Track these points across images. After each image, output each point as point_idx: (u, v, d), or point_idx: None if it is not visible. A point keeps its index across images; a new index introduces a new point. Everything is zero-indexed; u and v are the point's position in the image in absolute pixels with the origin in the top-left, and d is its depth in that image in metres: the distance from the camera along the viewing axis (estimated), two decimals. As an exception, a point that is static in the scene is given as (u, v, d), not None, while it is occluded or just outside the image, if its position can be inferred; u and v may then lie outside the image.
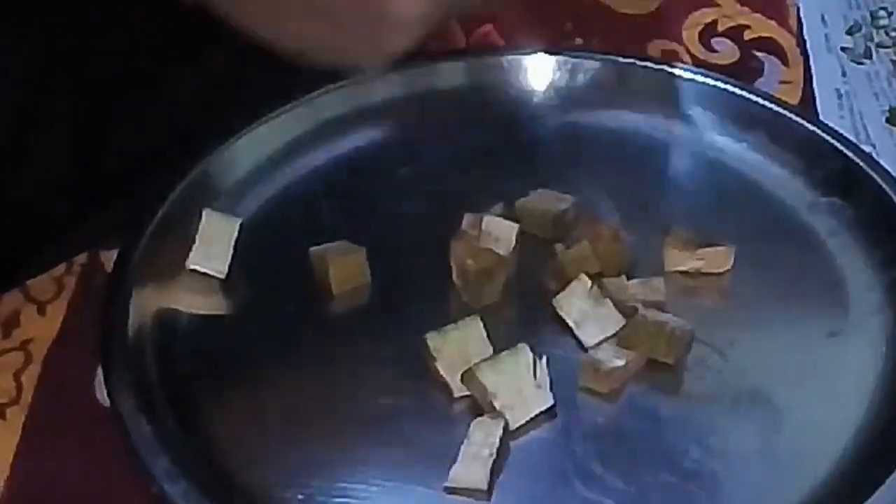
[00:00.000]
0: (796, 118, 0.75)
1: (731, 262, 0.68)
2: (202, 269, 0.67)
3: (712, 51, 0.84)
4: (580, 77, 0.78)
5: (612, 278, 0.66)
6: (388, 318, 0.66)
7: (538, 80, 0.78)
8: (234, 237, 0.68)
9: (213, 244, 0.67)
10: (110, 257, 0.68)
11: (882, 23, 0.87)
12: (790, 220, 0.72)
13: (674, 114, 0.76)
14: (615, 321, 0.64)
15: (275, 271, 0.69)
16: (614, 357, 0.63)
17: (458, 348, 0.62)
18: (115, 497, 0.60)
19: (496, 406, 0.60)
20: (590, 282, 0.65)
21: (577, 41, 0.84)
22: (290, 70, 0.60)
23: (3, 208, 0.71)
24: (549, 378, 0.62)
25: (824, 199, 0.72)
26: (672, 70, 0.78)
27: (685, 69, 0.79)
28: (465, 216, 0.68)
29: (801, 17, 0.87)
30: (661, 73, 0.78)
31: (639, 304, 0.65)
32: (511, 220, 0.68)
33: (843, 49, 0.85)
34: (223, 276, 0.68)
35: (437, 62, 0.78)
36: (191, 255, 0.67)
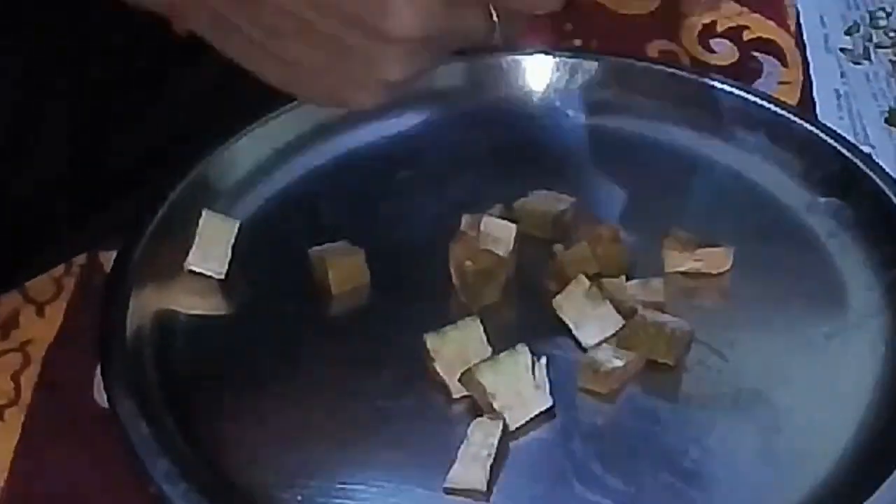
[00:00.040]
0: (795, 119, 0.75)
1: (730, 263, 0.68)
2: (201, 270, 0.67)
3: (711, 51, 0.84)
4: (579, 78, 0.78)
5: (612, 279, 0.66)
6: (388, 318, 0.66)
7: (537, 80, 0.78)
8: (233, 238, 0.68)
9: (212, 245, 0.67)
10: (109, 258, 0.68)
11: (881, 23, 0.87)
12: (789, 220, 0.72)
13: (673, 114, 0.76)
14: (614, 322, 0.64)
15: (274, 272, 0.68)
16: (613, 358, 0.63)
17: (457, 349, 0.62)
18: (114, 498, 0.60)
19: (495, 407, 0.60)
20: (589, 282, 0.65)
21: (576, 42, 0.84)
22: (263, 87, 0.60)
23: (2, 208, 0.71)
24: (549, 379, 0.61)
25: (823, 200, 0.72)
26: (671, 71, 0.78)
27: (684, 70, 0.79)
28: (464, 217, 0.68)
29: (800, 17, 0.87)
30: (660, 74, 0.78)
31: (638, 305, 0.65)
32: (510, 220, 0.68)
33: (842, 50, 0.85)
34: (222, 276, 0.68)
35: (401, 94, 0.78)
36: (190, 255, 0.67)
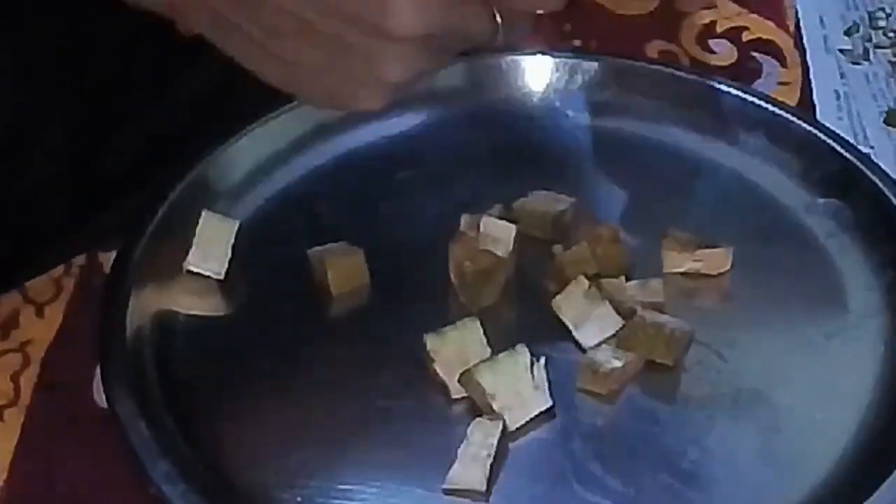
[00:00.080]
0: (794, 119, 0.75)
1: (729, 264, 0.68)
2: (201, 271, 0.67)
3: (711, 52, 0.84)
4: (579, 78, 0.78)
5: (611, 279, 0.66)
6: (387, 319, 0.66)
7: (537, 81, 0.78)
8: (233, 239, 0.68)
9: (211, 245, 0.67)
10: (109, 259, 0.68)
11: (880, 24, 0.87)
12: (788, 221, 0.72)
13: (672, 115, 0.76)
14: (614, 322, 0.64)
15: (273, 272, 0.68)
16: (613, 358, 0.63)
17: (456, 349, 0.62)
18: (114, 498, 0.60)
19: (495, 407, 0.60)
20: (588, 283, 0.65)
21: (576, 42, 0.84)
22: (265, 88, 0.60)
23: (2, 209, 0.71)
24: (548, 379, 0.61)
25: (823, 201, 0.72)
26: (670, 71, 0.78)
27: (683, 70, 0.79)
28: (464, 217, 0.68)
29: (800, 18, 0.87)
30: (660, 75, 0.78)
31: (637, 306, 0.65)
32: (509, 221, 0.68)
33: (842, 50, 0.85)
34: (222, 277, 0.68)
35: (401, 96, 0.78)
36: (189, 256, 0.67)
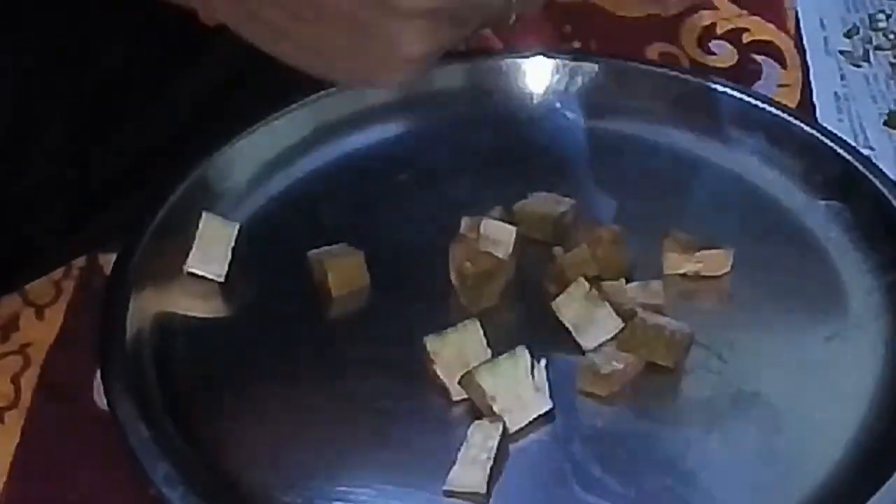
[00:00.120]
0: (795, 121, 0.75)
1: (729, 265, 0.68)
2: (201, 273, 0.67)
3: (711, 53, 0.84)
4: (579, 80, 0.78)
5: (611, 281, 0.66)
6: (387, 321, 0.66)
7: (537, 82, 0.78)
8: (233, 240, 0.68)
9: (211, 247, 0.67)
10: (109, 260, 0.68)
11: (880, 25, 0.87)
12: (789, 222, 0.72)
13: (672, 117, 0.76)
14: (614, 324, 0.64)
15: (274, 274, 0.68)
16: (613, 360, 0.63)
17: (456, 351, 0.62)
18: (114, 499, 0.60)
19: (495, 409, 0.60)
20: (588, 285, 0.65)
21: (576, 44, 0.84)
22: (290, 72, 0.60)
23: (2, 209, 0.71)
24: (548, 381, 0.61)
25: (823, 202, 0.72)
26: (670, 73, 0.78)
27: (684, 72, 0.79)
28: (464, 219, 0.68)
29: (800, 20, 0.87)
30: (660, 77, 0.78)
31: (638, 308, 0.65)
32: (510, 223, 0.68)
33: (842, 52, 0.85)
34: (222, 279, 0.67)
35: (430, 70, 0.78)
36: (190, 258, 0.67)
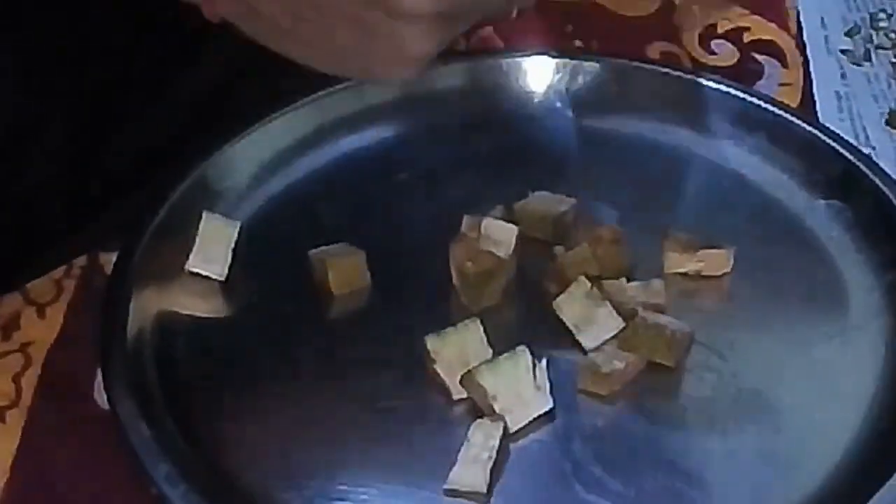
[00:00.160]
0: (796, 120, 0.75)
1: (730, 265, 0.68)
2: (202, 272, 0.67)
3: (712, 53, 0.84)
4: (580, 79, 0.78)
5: (612, 281, 0.66)
6: (388, 320, 0.66)
7: (538, 82, 0.78)
8: (234, 240, 0.68)
9: (212, 247, 0.67)
10: (110, 259, 0.68)
11: (881, 25, 0.87)
12: (790, 222, 0.72)
13: (673, 116, 0.76)
14: (615, 324, 0.64)
15: (275, 273, 0.68)
16: (614, 359, 0.63)
17: (457, 351, 0.62)
18: (115, 499, 0.60)
19: (496, 408, 0.60)
20: (589, 284, 0.65)
21: (577, 43, 0.84)
22: (291, 72, 0.60)
23: (2, 209, 0.71)
24: (549, 380, 0.61)
25: (824, 202, 0.72)
26: (672, 72, 0.78)
27: (685, 71, 0.79)
28: (465, 218, 0.68)
29: (801, 19, 0.87)
30: (661, 76, 0.78)
31: (638, 307, 0.65)
32: (511, 222, 0.68)
33: (843, 51, 0.85)
34: (223, 278, 0.68)
35: (436, 64, 0.78)
36: (190, 257, 0.67)
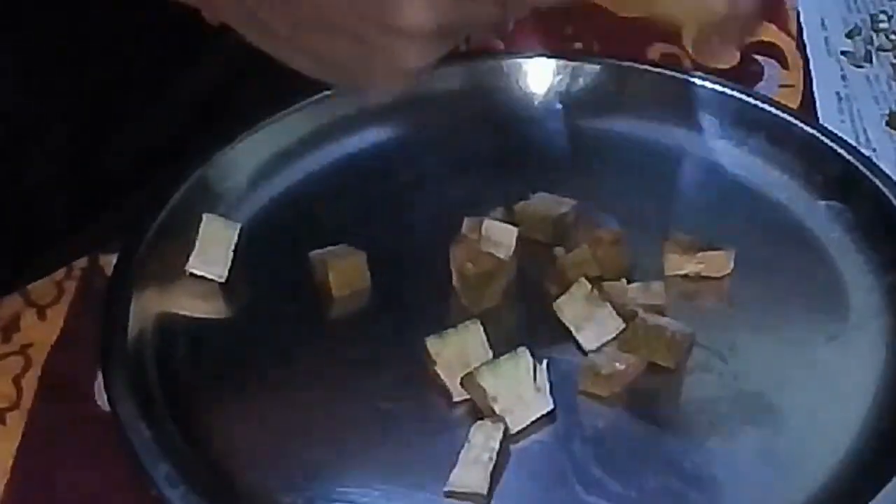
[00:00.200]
0: (796, 122, 0.75)
1: (731, 266, 0.68)
2: (202, 273, 0.67)
3: (712, 54, 0.84)
4: (580, 81, 0.78)
5: (613, 282, 0.66)
6: (388, 321, 0.66)
7: (538, 83, 0.78)
8: (234, 241, 0.68)
9: (213, 248, 0.67)
10: (110, 261, 0.68)
11: (882, 26, 0.87)
12: (790, 223, 0.72)
13: (674, 117, 0.76)
14: (615, 325, 0.64)
15: (275, 275, 0.68)
16: (614, 361, 0.63)
17: (457, 352, 0.62)
18: (115, 500, 0.60)
19: (496, 410, 0.60)
20: (590, 285, 0.65)
21: (578, 45, 0.84)
22: (289, 73, 0.60)
23: (2, 209, 0.71)
24: (549, 382, 0.61)
25: (824, 203, 0.72)
26: (672, 74, 0.78)
27: (685, 73, 0.79)
28: (465, 220, 0.68)
29: (801, 20, 0.87)
30: (661, 77, 0.78)
31: (639, 308, 0.65)
32: (511, 223, 0.68)
33: (843, 53, 0.85)
34: (223, 280, 0.67)
35: (436, 65, 0.78)
36: (191, 259, 0.67)
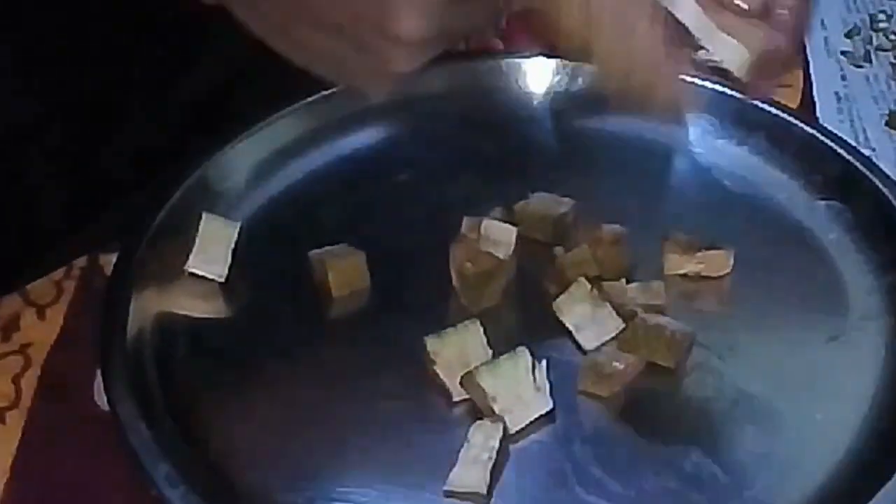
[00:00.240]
0: (796, 122, 0.75)
1: (730, 266, 0.68)
2: (202, 273, 0.67)
3: (712, 54, 0.84)
4: (579, 80, 0.78)
5: (612, 282, 0.66)
6: (388, 321, 0.66)
7: (537, 83, 0.78)
8: (234, 241, 0.68)
9: (212, 248, 0.67)
10: (110, 261, 0.68)
11: (881, 26, 0.87)
12: (790, 223, 0.72)
13: (673, 117, 0.76)
14: (615, 325, 0.64)
15: (274, 275, 0.68)
16: (614, 360, 0.63)
17: (457, 352, 0.62)
18: (115, 500, 0.60)
19: (495, 409, 0.60)
20: (589, 285, 0.65)
21: (577, 45, 0.84)
22: (289, 73, 0.60)
23: (2, 209, 0.71)
24: (549, 381, 0.61)
25: (824, 203, 0.72)
26: (671, 73, 0.78)
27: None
28: (465, 220, 0.68)
29: (801, 20, 0.87)
30: (661, 77, 0.78)
31: (638, 308, 0.65)
32: (510, 223, 0.68)
33: (843, 52, 0.85)
34: (222, 279, 0.67)
35: (435, 65, 0.78)
36: (190, 258, 0.67)
